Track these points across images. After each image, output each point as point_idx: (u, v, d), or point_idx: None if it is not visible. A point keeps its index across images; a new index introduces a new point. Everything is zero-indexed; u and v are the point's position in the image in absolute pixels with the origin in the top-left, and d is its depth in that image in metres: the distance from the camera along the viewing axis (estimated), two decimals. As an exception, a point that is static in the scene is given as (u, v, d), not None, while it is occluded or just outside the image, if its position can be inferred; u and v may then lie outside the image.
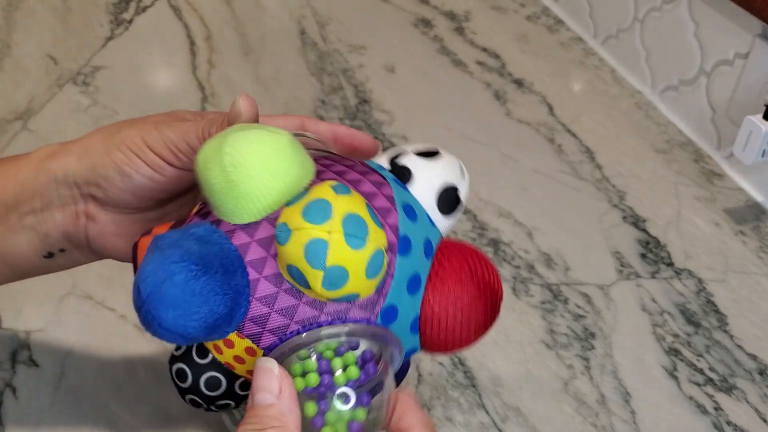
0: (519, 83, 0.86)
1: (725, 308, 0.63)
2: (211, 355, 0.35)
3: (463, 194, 0.38)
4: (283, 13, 0.94)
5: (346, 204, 0.31)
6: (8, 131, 0.76)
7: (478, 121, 0.81)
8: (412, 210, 0.35)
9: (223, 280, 0.31)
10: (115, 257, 0.41)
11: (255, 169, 0.32)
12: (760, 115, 0.65)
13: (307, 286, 0.31)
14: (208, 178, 0.32)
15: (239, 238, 0.33)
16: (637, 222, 0.70)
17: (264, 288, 0.32)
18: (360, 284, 0.31)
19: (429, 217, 0.37)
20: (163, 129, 0.38)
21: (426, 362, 0.58)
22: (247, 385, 0.36)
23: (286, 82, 0.83)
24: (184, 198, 0.43)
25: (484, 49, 0.90)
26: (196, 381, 0.36)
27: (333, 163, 0.36)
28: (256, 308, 0.32)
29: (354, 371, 0.32)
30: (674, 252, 0.68)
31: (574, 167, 0.76)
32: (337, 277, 0.30)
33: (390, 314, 0.33)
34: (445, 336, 0.35)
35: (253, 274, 0.32)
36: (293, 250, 0.31)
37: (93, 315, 0.59)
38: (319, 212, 0.30)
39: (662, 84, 0.82)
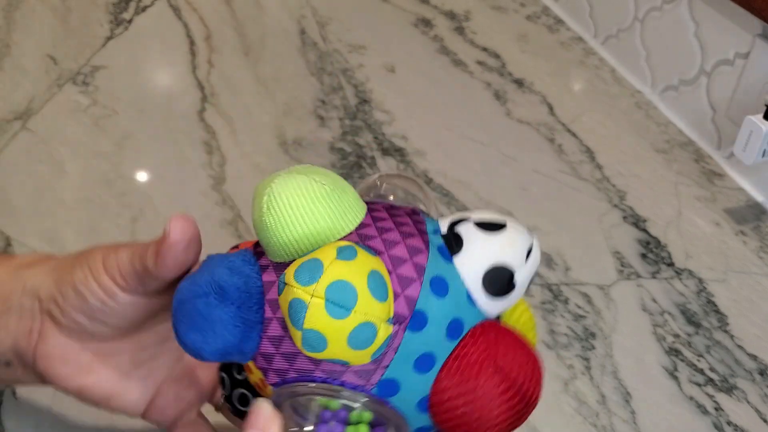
0: (519, 83, 0.86)
1: (725, 308, 0.63)
2: (244, 373, 0.36)
3: (520, 277, 0.34)
4: (283, 13, 0.94)
5: (341, 270, 0.30)
6: (8, 131, 0.76)
7: (478, 121, 0.81)
8: (443, 284, 0.33)
9: (237, 312, 0.32)
10: (55, 384, 0.39)
11: (285, 213, 0.32)
12: (761, 115, 0.65)
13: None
14: (252, 211, 0.34)
15: (269, 275, 0.33)
16: (637, 222, 0.70)
17: (274, 329, 0.33)
18: (343, 352, 0.30)
19: (469, 296, 0.33)
20: (120, 251, 0.37)
21: (426, 362, 0.58)
22: None
23: (286, 82, 0.83)
24: (145, 332, 0.41)
25: (484, 49, 0.90)
26: (230, 393, 0.38)
27: (386, 218, 0.35)
28: (266, 346, 0.33)
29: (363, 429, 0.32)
30: (674, 252, 0.68)
31: (574, 167, 0.76)
32: (314, 340, 0.30)
33: (389, 387, 0.33)
34: (457, 425, 0.33)
35: (268, 313, 0.33)
36: (283, 304, 0.31)
37: (93, 315, 0.59)
38: (307, 273, 0.30)
39: (662, 84, 0.82)
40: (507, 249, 0.34)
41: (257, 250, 0.35)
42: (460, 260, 0.33)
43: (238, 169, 0.72)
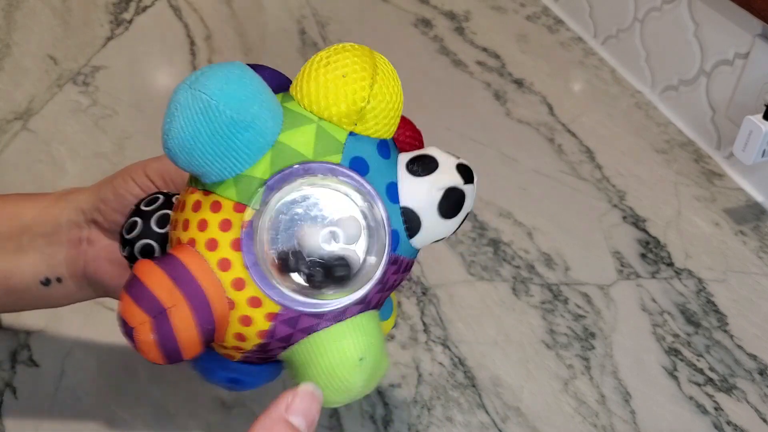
0: (519, 83, 0.86)
1: (725, 308, 0.63)
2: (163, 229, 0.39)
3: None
4: (283, 13, 0.94)
5: None
6: (8, 131, 0.76)
7: (478, 121, 0.81)
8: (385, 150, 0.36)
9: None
10: (104, 282, 0.43)
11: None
12: (760, 115, 0.65)
13: None
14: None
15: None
16: (637, 222, 0.70)
17: None
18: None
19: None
20: (165, 159, 0.40)
21: (426, 362, 0.58)
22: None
23: (286, 82, 0.84)
24: None
25: (484, 49, 0.90)
26: (136, 239, 0.39)
27: None
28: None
29: None
30: (674, 252, 0.68)
31: (574, 167, 0.76)
32: None
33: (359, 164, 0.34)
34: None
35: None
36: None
37: (93, 315, 0.59)
38: None
39: (662, 84, 0.82)
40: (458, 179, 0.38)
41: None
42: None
43: (238, 169, 0.72)
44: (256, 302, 0.32)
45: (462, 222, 0.38)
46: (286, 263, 0.32)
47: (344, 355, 0.33)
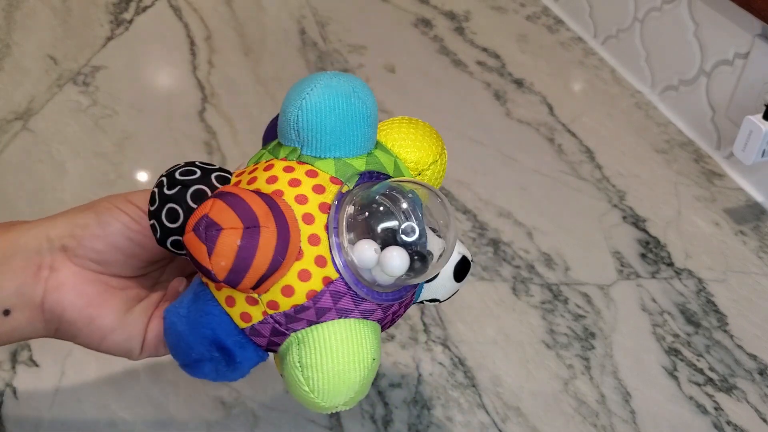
0: (519, 83, 0.86)
1: (725, 308, 0.63)
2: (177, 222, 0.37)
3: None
4: (283, 13, 0.94)
5: None
6: (8, 131, 0.76)
7: (478, 121, 0.81)
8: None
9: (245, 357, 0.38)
10: (64, 314, 0.39)
11: None
12: (760, 115, 0.65)
13: None
14: None
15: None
16: (637, 222, 0.70)
17: None
18: None
19: None
20: (148, 193, 0.39)
21: (426, 362, 0.58)
22: None
23: (286, 82, 0.84)
24: (150, 275, 0.43)
25: (484, 49, 0.90)
26: (164, 239, 0.38)
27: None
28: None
29: None
30: (674, 252, 0.68)
31: (574, 167, 0.76)
32: None
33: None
34: None
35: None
36: None
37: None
38: None
39: (662, 84, 0.82)
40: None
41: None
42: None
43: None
44: (322, 262, 0.35)
45: (454, 293, 0.42)
46: (368, 233, 0.35)
47: (363, 348, 0.36)
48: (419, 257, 0.35)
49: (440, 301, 0.42)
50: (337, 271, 0.35)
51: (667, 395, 0.57)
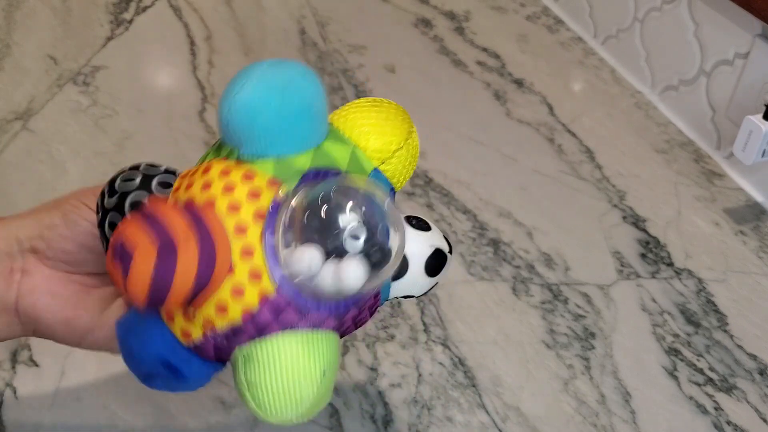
0: (519, 83, 0.86)
1: (725, 308, 0.63)
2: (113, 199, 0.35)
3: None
4: (283, 13, 0.94)
5: None
6: (8, 131, 0.76)
7: (478, 121, 0.81)
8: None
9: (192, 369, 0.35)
10: (40, 317, 0.39)
11: None
12: (760, 115, 0.65)
13: None
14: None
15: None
16: (637, 222, 0.70)
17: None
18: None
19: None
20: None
21: (426, 362, 0.58)
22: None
23: (286, 82, 0.83)
24: None
25: (484, 49, 0.90)
26: (103, 220, 0.36)
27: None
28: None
29: None
30: (674, 252, 0.68)
31: (574, 167, 0.76)
32: None
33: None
34: None
35: None
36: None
37: (93, 315, 0.59)
38: None
39: (662, 84, 0.82)
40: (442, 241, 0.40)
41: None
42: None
43: (238, 169, 0.72)
44: (256, 275, 0.32)
45: (432, 288, 0.40)
46: (311, 236, 0.31)
47: (311, 362, 0.33)
48: (379, 259, 0.32)
49: (417, 297, 0.40)
50: (274, 284, 0.32)
51: (667, 395, 0.57)
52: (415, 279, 0.38)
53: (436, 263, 0.38)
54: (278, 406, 0.32)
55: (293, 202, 0.32)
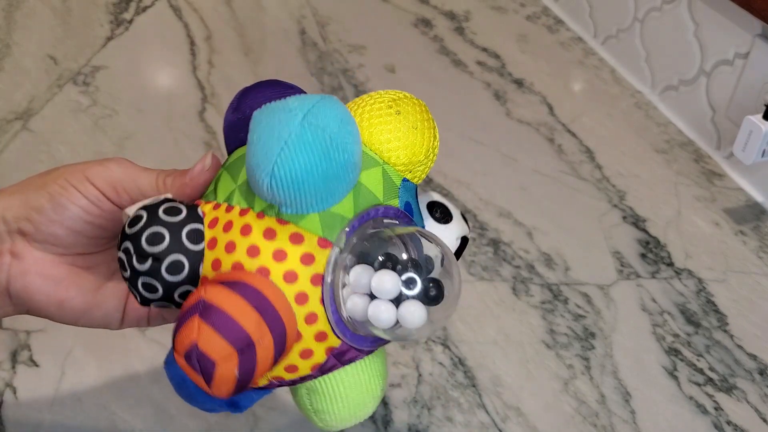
0: (519, 83, 0.86)
1: (725, 308, 0.63)
2: (147, 263, 0.34)
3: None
4: (283, 13, 0.94)
5: None
6: (8, 131, 0.76)
7: (478, 121, 0.81)
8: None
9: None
10: (32, 301, 0.38)
11: None
12: (760, 115, 0.65)
13: None
14: None
15: None
16: (637, 222, 0.70)
17: None
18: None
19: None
20: (110, 165, 0.37)
21: (426, 362, 0.58)
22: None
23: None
24: (113, 251, 0.40)
25: (484, 49, 0.90)
26: (134, 279, 0.34)
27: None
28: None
29: None
30: (674, 252, 0.68)
31: (574, 167, 0.76)
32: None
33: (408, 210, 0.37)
34: None
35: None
36: None
37: (93, 315, 0.59)
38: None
39: (662, 84, 0.82)
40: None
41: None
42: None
43: (238, 169, 0.72)
44: (322, 336, 0.33)
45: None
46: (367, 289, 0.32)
47: (371, 383, 0.36)
48: (433, 288, 0.33)
49: None
50: (339, 338, 0.33)
51: (667, 395, 0.57)
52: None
53: (460, 248, 0.40)
54: (344, 423, 0.36)
55: (348, 261, 0.32)
